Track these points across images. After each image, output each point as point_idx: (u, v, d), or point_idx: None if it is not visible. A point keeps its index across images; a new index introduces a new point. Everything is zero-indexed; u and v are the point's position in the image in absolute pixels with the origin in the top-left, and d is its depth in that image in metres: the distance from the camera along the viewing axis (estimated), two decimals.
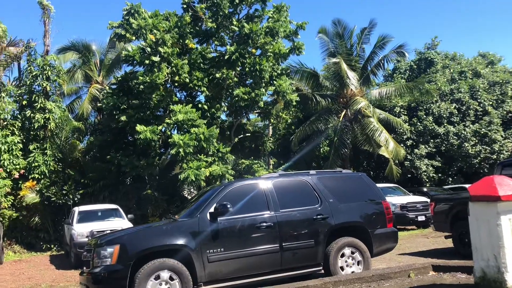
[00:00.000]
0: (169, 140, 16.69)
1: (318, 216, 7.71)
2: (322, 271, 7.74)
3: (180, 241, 6.83)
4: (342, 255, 7.71)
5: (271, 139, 25.51)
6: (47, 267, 13.95)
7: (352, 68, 22.69)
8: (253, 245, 7.23)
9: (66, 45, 24.62)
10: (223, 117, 20.56)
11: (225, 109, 19.37)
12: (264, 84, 18.49)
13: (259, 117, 24.02)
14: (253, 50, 18.30)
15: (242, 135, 21.77)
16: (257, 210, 7.48)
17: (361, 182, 8.69)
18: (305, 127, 23.04)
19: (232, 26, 18.22)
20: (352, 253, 7.78)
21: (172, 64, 17.35)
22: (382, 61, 24.10)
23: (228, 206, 7.04)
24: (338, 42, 23.89)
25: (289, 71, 21.61)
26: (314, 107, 23.93)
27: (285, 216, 7.54)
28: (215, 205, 7.16)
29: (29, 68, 19.47)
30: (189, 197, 20.59)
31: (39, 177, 18.41)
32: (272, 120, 22.56)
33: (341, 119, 22.75)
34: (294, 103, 19.41)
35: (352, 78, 22.37)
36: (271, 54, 18.42)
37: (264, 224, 7.33)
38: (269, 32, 18.23)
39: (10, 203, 17.88)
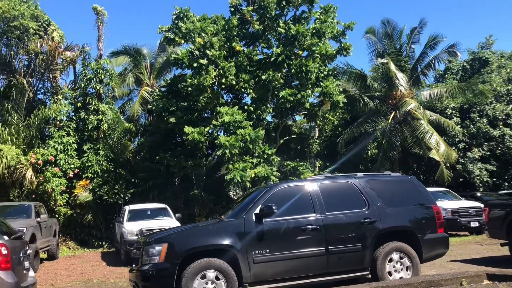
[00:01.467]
0: (216, 141, 16.92)
1: (366, 220, 7.57)
2: (369, 276, 7.60)
3: (226, 242, 6.91)
4: (390, 260, 7.54)
5: (317, 141, 25.31)
6: (98, 263, 14.48)
7: (401, 69, 22.14)
8: (299, 247, 7.20)
9: (118, 49, 25.62)
10: (268, 118, 20.62)
11: (271, 110, 19.40)
12: (310, 86, 18.37)
13: (305, 119, 23.90)
14: (300, 52, 18.25)
15: (287, 137, 21.73)
16: (303, 213, 7.45)
17: (410, 185, 8.45)
18: (352, 129, 22.68)
19: (278, 28, 18.25)
20: (401, 258, 7.59)
21: (219, 67, 17.59)
22: (433, 61, 23.35)
23: (274, 207, 7.05)
24: (386, 42, 23.36)
25: (336, 72, 21.36)
26: (362, 109, 23.52)
27: (331, 219, 7.46)
28: (260, 206, 7.19)
29: (83, 71, 20.37)
30: (235, 198, 20.78)
31: (92, 176, 19.17)
32: (318, 122, 22.41)
33: (389, 121, 22.23)
34: (341, 105, 19.18)
35: (401, 79, 21.82)
36: (318, 55, 18.30)
37: (310, 226, 7.29)
38: (316, 33, 18.12)
39: (65, 201, 18.73)
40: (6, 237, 6.61)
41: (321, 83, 18.56)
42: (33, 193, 17.88)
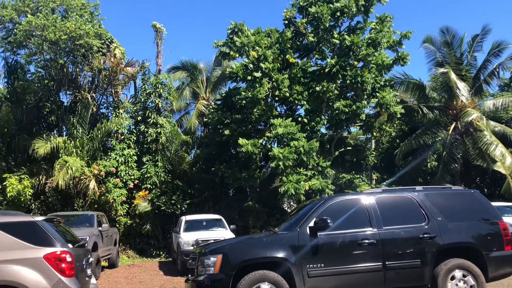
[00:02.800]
0: (269, 153, 16.96)
1: (425, 235, 7.29)
2: None
3: (280, 254, 6.87)
4: (452, 278, 7.19)
5: (374, 153, 24.74)
6: (156, 273, 14.85)
7: (462, 78, 21.26)
8: (355, 262, 7.05)
9: (176, 64, 26.59)
10: (323, 130, 20.41)
11: (325, 122, 19.20)
12: (366, 96, 18.06)
13: (360, 130, 23.45)
14: (355, 62, 18.01)
15: (342, 149, 21.40)
16: (359, 226, 7.29)
17: (473, 199, 8.05)
18: (410, 140, 21.96)
19: (333, 39, 18.12)
20: (464, 276, 7.22)
21: (273, 79, 17.68)
22: (497, 69, 22.23)
23: (328, 221, 6.95)
24: (446, 51, 22.54)
25: (393, 82, 20.87)
26: (420, 120, 22.76)
27: (388, 233, 7.25)
28: (314, 219, 7.11)
29: (143, 86, 21.22)
30: (289, 210, 20.66)
31: (151, 187, 19.78)
32: (374, 133, 21.90)
33: (450, 132, 21.34)
34: (399, 116, 18.69)
35: (462, 88, 20.94)
36: (374, 65, 17.98)
37: (366, 241, 7.11)
38: (371, 43, 17.84)
39: (125, 211, 19.42)
40: (70, 245, 6.92)
41: (377, 94, 18.20)
42: (95, 203, 18.70)
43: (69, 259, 6.52)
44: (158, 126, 20.50)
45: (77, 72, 20.99)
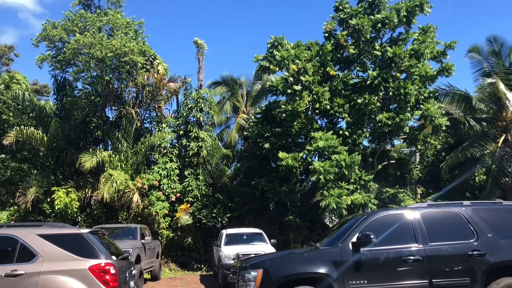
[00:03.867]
0: (310, 167, 16.80)
1: (474, 252, 6.96)
2: None
3: (322, 270, 6.74)
4: None
5: (418, 166, 24.07)
6: (197, 286, 14.91)
7: (511, 89, 20.41)
8: (399, 279, 6.82)
9: (216, 79, 27.07)
10: (365, 143, 20.09)
11: (367, 135, 18.88)
12: (409, 109, 17.67)
13: (404, 143, 22.92)
14: (397, 74, 17.68)
15: (386, 162, 20.95)
16: (403, 242, 7.06)
17: None
18: (457, 153, 21.18)
19: (374, 51, 17.89)
20: None
21: (313, 92, 17.60)
22: None
23: (372, 236, 6.76)
24: (494, 60, 21.71)
25: (437, 94, 20.28)
26: (467, 132, 21.97)
27: (435, 250, 6.97)
28: (357, 234, 6.95)
29: (185, 101, 21.66)
30: (331, 225, 20.34)
31: (192, 200, 19.99)
32: (419, 146, 21.35)
33: (499, 144, 20.44)
34: (444, 128, 18.15)
35: None
36: (417, 77, 17.59)
37: (412, 257, 6.87)
38: (414, 55, 17.49)
39: (168, 224, 19.70)
40: (114, 257, 7.06)
41: (421, 106, 17.76)
42: (139, 216, 19.07)
43: (113, 271, 6.65)
44: (200, 140, 20.80)
45: (122, 88, 21.67)
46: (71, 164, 19.69)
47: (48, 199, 18.48)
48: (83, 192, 18.82)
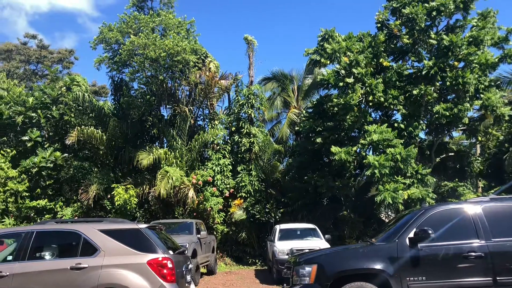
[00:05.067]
0: (364, 161, 16.46)
1: None
2: None
3: (378, 266, 6.59)
4: None
5: (479, 158, 22.96)
6: (252, 281, 15.04)
7: None
8: (460, 276, 6.54)
9: (267, 75, 27.14)
10: (421, 135, 19.41)
11: (424, 127, 18.23)
12: (468, 99, 16.89)
13: (463, 135, 21.92)
14: (455, 63, 16.91)
15: (444, 155, 20.16)
16: (464, 238, 6.76)
17: None
18: None
19: (429, 40, 17.23)
20: None
21: (366, 84, 17.22)
22: None
23: (430, 231, 6.52)
24: None
25: (499, 82, 19.26)
26: None
27: (499, 246, 6.62)
28: (414, 230, 6.73)
29: (236, 97, 21.90)
30: (386, 220, 19.86)
31: (246, 195, 20.20)
32: (480, 138, 20.36)
33: None
34: (507, 118, 17.21)
35: None
36: (476, 65, 16.74)
37: (473, 254, 6.57)
38: (473, 42, 16.66)
39: (222, 219, 20.04)
40: (171, 252, 7.25)
41: (482, 95, 16.92)
42: (194, 211, 19.51)
43: (170, 265, 6.83)
44: (251, 136, 20.94)
45: (175, 87, 22.21)
46: (129, 161, 20.44)
47: (109, 196, 19.29)
48: (141, 189, 19.47)
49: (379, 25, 18.72)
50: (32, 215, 19.98)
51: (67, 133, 20.67)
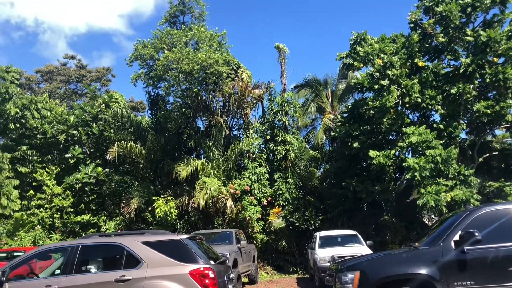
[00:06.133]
0: (403, 164, 16.12)
1: None
2: None
3: (423, 271, 6.40)
4: None
5: None
6: None
7: None
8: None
9: (299, 82, 27.11)
10: (462, 135, 18.84)
11: (464, 127, 17.70)
12: (511, 95, 16.28)
13: (507, 133, 21.12)
14: (494, 59, 16.38)
15: (487, 155, 19.48)
16: None
17: None
18: None
19: (466, 37, 16.77)
20: None
21: (402, 86, 16.91)
22: None
23: (476, 234, 6.29)
24: None
25: None
26: None
27: None
28: (460, 232, 6.50)
29: (270, 106, 21.94)
30: (430, 224, 19.33)
31: (284, 203, 20.12)
32: None
33: None
34: None
35: None
36: None
37: None
38: None
39: (261, 227, 20.02)
40: (212, 262, 7.30)
41: None
42: (233, 221, 19.59)
43: (211, 275, 6.86)
44: (286, 143, 20.90)
45: (210, 99, 22.51)
46: (168, 174, 20.78)
47: (149, 208, 19.66)
48: (181, 200, 19.75)
49: (412, 25, 18.39)
50: (77, 229, 20.63)
51: (108, 148, 21.30)
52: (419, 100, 17.01)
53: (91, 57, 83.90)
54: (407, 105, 17.66)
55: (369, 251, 13.23)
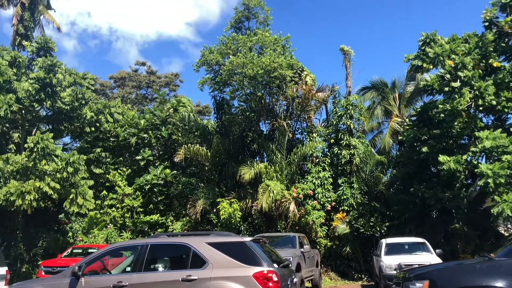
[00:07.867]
0: (476, 170, 15.28)
1: None
2: None
3: (499, 283, 6.04)
4: None
5: None
6: None
7: None
8: None
9: (365, 85, 26.57)
10: None
11: None
12: None
13: None
14: None
15: None
16: None
17: None
18: None
19: None
20: None
21: (475, 88, 16.07)
22: None
23: None
24: None
25: None
26: None
27: None
28: None
29: (334, 109, 21.70)
30: (506, 234, 18.17)
31: (348, 209, 19.77)
32: None
33: None
34: None
35: None
36: None
37: None
38: None
39: (325, 233, 19.80)
40: (275, 265, 7.30)
41: None
42: (296, 225, 19.52)
43: (275, 278, 6.86)
44: (351, 147, 20.56)
45: (273, 102, 22.61)
46: (232, 176, 21.11)
47: (214, 210, 20.07)
48: (244, 202, 19.97)
49: (486, 23, 17.43)
50: (146, 229, 21.48)
51: (175, 151, 22.03)
52: (494, 102, 16.07)
53: (161, 63, 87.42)
54: (481, 108, 16.74)
55: (439, 260, 12.71)
